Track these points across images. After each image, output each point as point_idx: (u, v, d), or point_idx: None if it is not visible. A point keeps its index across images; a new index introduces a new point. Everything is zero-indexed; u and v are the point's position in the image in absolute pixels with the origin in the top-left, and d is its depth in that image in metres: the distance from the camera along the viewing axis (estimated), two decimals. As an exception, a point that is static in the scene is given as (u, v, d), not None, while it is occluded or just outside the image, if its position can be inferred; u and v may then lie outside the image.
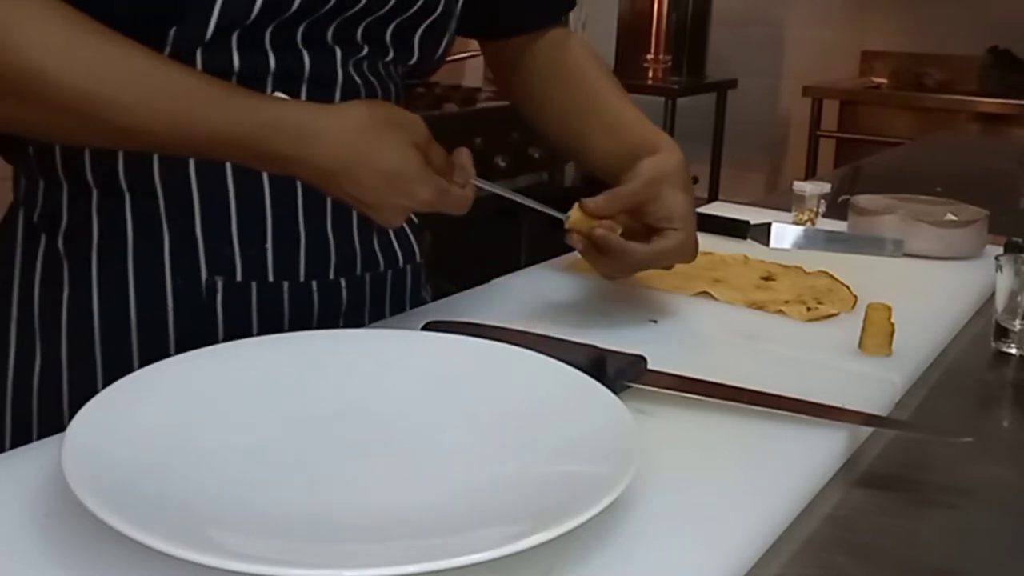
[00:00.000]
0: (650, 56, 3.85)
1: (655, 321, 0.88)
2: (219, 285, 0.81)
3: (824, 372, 0.78)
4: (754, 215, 1.19)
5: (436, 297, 0.97)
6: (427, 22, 0.85)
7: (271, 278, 0.83)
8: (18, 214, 0.85)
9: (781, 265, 1.04)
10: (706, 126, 3.92)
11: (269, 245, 0.82)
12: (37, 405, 0.82)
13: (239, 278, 0.82)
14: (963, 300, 1.00)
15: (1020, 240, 1.10)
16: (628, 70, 3.92)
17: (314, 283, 0.85)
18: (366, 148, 0.69)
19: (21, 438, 0.81)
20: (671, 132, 3.64)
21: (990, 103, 3.41)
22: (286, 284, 0.84)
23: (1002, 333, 0.90)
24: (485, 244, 2.44)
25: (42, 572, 0.48)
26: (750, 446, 0.65)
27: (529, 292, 0.95)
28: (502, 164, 2.79)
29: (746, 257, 1.06)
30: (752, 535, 0.56)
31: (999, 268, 0.89)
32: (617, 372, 0.70)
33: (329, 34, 0.79)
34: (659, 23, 3.82)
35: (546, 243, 1.14)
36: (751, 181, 4.23)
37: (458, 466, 0.59)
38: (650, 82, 3.80)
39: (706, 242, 0.96)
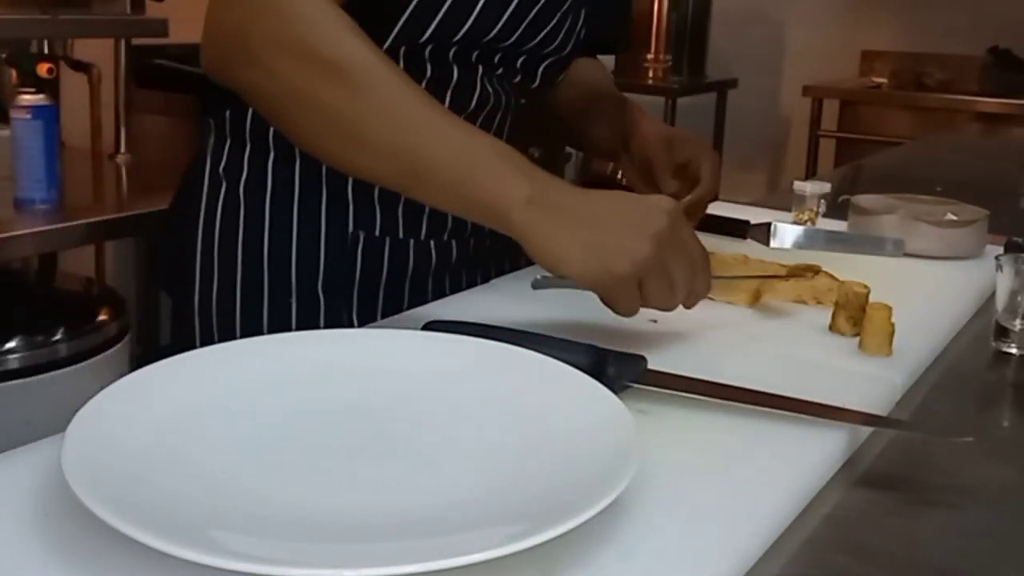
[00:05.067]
0: (650, 56, 3.85)
1: (655, 321, 0.88)
2: (361, 237, 0.99)
3: (824, 372, 0.78)
4: (754, 215, 1.19)
5: (436, 297, 0.97)
6: (551, 58, 1.01)
7: (401, 235, 1.00)
8: (205, 163, 1.02)
9: (781, 265, 1.04)
10: (706, 126, 3.92)
11: (400, 209, 0.99)
12: (216, 323, 1.01)
13: (377, 233, 0.99)
14: (963, 300, 1.00)
15: (1020, 240, 1.10)
16: (628, 70, 3.91)
17: (432, 242, 1.02)
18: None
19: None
20: (671, 132, 3.64)
21: (990, 103, 3.41)
22: (412, 241, 1.00)
23: (1002, 333, 0.90)
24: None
25: (42, 572, 0.48)
26: (750, 446, 0.65)
27: (529, 292, 0.95)
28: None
29: (746, 257, 1.06)
30: (752, 535, 0.56)
31: (999, 268, 0.89)
32: (617, 372, 0.70)
33: (473, 55, 0.94)
34: (659, 23, 3.82)
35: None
36: (751, 181, 4.23)
37: (458, 466, 0.59)
38: (650, 82, 3.80)
39: (706, 242, 0.96)
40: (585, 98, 1.16)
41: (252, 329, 0.98)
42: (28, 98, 1.78)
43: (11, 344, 1.68)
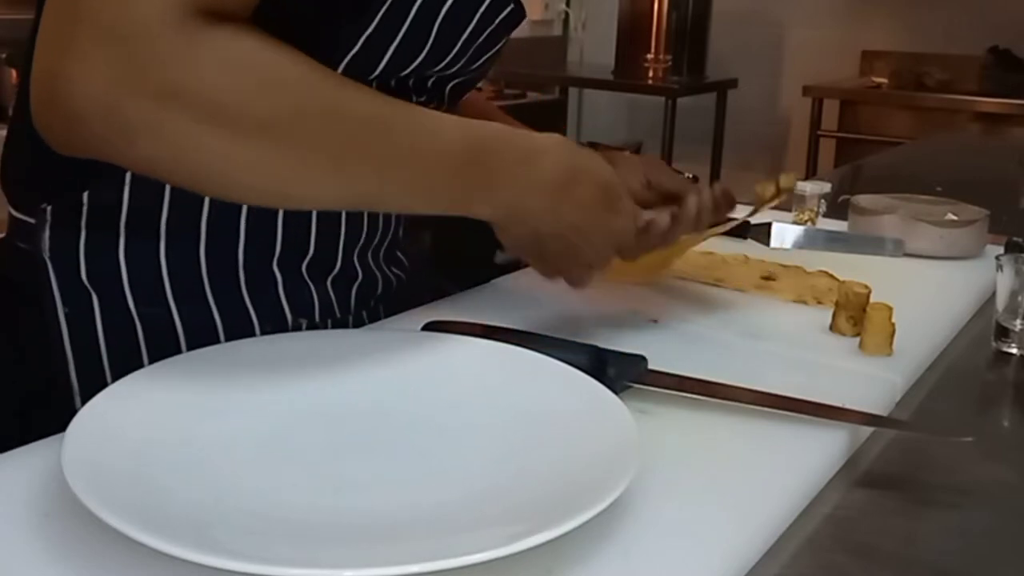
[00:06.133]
0: (650, 56, 3.85)
1: (655, 321, 0.88)
2: (303, 328, 0.83)
3: (824, 372, 0.78)
4: (754, 215, 1.19)
5: (436, 297, 0.97)
6: (460, 79, 0.86)
7: (338, 314, 0.87)
8: (46, 272, 0.76)
9: (781, 265, 1.04)
10: (706, 126, 3.92)
11: (329, 281, 0.85)
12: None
13: (318, 319, 0.84)
14: (963, 300, 1.00)
15: (1020, 240, 1.10)
16: (628, 70, 3.92)
17: (364, 313, 0.90)
18: (585, 160, 0.73)
19: None
20: (671, 132, 3.65)
21: (990, 103, 3.42)
22: (350, 318, 0.88)
23: (1003, 333, 0.90)
24: (485, 244, 2.44)
25: (42, 572, 0.48)
26: (750, 446, 0.65)
27: (529, 292, 0.95)
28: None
29: (746, 257, 1.06)
30: (752, 535, 0.56)
31: (1000, 268, 0.89)
32: (617, 372, 0.70)
33: (392, 83, 0.78)
34: (659, 23, 3.83)
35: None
36: (751, 181, 4.22)
37: (458, 466, 0.59)
38: (650, 82, 3.81)
39: (706, 242, 0.96)
40: None
41: None
42: (28, 98, 1.78)
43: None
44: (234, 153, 0.60)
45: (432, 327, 0.77)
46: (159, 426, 0.58)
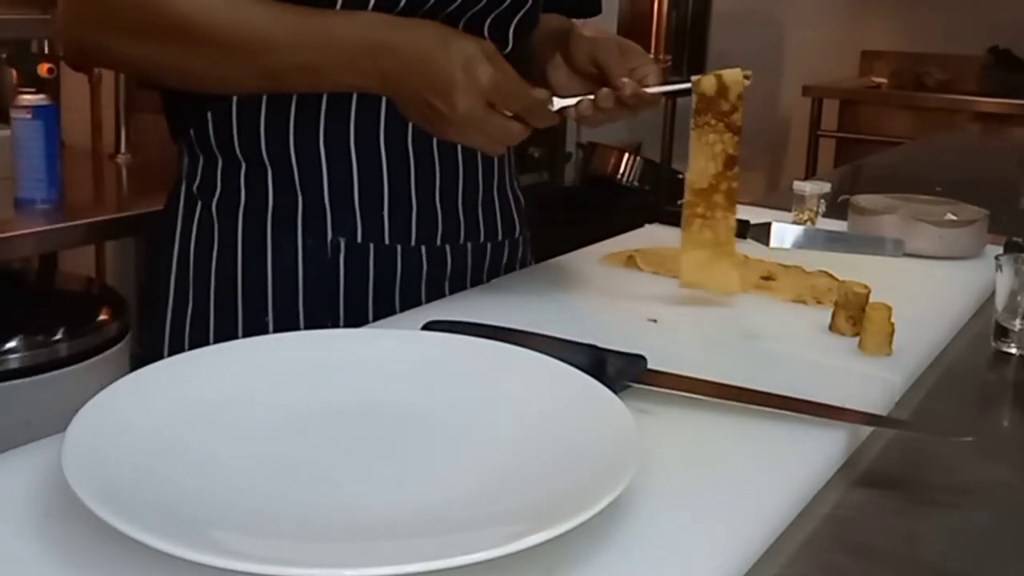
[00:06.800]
0: (650, 56, 3.85)
1: (655, 321, 0.88)
2: (342, 245, 0.94)
3: (824, 372, 0.78)
4: (754, 215, 1.19)
5: (436, 297, 0.97)
6: (519, 16, 0.96)
7: (387, 241, 0.96)
8: (181, 184, 1.00)
9: (781, 265, 1.04)
10: (706, 126, 3.91)
11: (385, 212, 0.95)
12: (188, 346, 0.97)
13: (359, 240, 0.94)
14: (963, 300, 1.00)
15: (1020, 240, 1.10)
16: (628, 70, 3.91)
17: (423, 248, 0.98)
18: (454, 33, 0.82)
19: None
20: (671, 132, 3.65)
21: (990, 103, 3.42)
22: (399, 247, 0.96)
23: (1002, 333, 0.90)
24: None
25: (42, 572, 0.48)
26: (750, 446, 0.65)
27: (529, 292, 0.95)
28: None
29: (746, 257, 1.06)
30: (752, 535, 0.56)
31: (999, 268, 0.89)
32: (617, 372, 0.70)
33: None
34: (659, 23, 3.82)
35: (546, 243, 1.15)
36: (751, 181, 4.22)
37: (458, 466, 0.59)
38: (650, 82, 3.80)
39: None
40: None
41: None
42: (28, 98, 1.78)
43: (11, 344, 1.68)
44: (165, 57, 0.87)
45: (432, 327, 0.77)
46: (160, 426, 0.58)
